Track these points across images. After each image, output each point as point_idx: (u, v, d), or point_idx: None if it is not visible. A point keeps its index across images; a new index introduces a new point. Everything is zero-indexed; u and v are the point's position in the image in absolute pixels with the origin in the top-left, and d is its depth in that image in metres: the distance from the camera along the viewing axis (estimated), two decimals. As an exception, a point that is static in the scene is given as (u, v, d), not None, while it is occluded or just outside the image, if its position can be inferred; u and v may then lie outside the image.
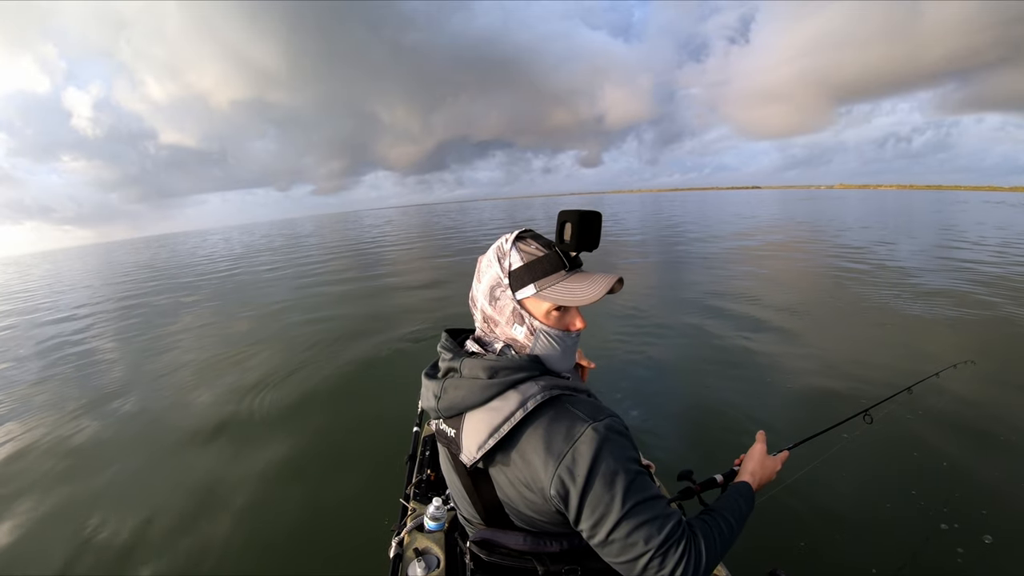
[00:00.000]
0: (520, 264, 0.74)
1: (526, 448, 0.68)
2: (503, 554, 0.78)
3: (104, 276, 18.10)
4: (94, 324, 7.92)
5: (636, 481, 0.65)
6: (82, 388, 4.58)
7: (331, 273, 11.32)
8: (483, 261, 0.79)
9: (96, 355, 5.84)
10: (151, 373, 4.83)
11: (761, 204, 40.05)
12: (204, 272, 14.70)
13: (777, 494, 1.26)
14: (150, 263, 21.23)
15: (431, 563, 1.18)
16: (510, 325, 0.75)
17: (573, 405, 0.70)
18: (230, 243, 32.60)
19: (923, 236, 13.39)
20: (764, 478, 0.92)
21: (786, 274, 8.10)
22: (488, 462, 0.72)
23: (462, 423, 0.74)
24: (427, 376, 0.81)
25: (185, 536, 2.25)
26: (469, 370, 0.74)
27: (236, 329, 6.49)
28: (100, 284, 15.05)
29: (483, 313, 0.78)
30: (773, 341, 4.53)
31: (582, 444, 0.64)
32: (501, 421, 0.69)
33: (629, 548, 0.64)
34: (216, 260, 18.84)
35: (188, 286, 11.66)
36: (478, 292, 0.79)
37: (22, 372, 5.45)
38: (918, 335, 4.59)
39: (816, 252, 10.61)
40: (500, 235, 0.80)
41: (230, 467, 2.83)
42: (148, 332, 6.77)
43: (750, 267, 8.86)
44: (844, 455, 2.29)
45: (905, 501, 2.22)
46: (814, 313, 5.49)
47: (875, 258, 9.30)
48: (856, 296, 6.19)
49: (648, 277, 8.41)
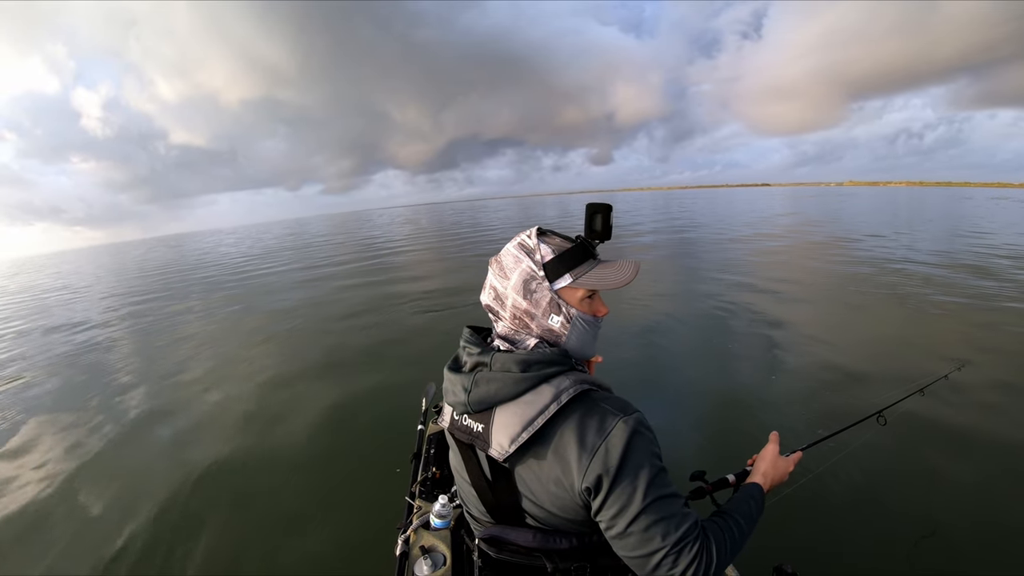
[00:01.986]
0: (552, 256, 0.76)
1: (559, 442, 0.68)
2: (512, 551, 0.78)
3: (157, 269, 18.28)
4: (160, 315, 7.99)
5: (659, 476, 0.67)
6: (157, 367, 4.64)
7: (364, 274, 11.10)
8: (505, 259, 0.79)
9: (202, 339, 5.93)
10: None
11: (772, 202, 39.73)
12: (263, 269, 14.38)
13: (789, 495, 1.25)
14: (203, 260, 20.54)
15: (437, 561, 1.17)
16: (547, 316, 0.76)
17: (603, 400, 0.71)
18: (264, 241, 31.52)
19: (940, 232, 13.20)
20: (776, 479, 0.92)
21: (801, 271, 8.03)
22: (514, 458, 0.72)
23: (492, 417, 0.74)
24: (451, 370, 0.80)
25: (189, 527, 2.27)
26: (501, 364, 0.74)
27: (247, 326, 6.56)
28: (158, 277, 15.30)
29: (515, 309, 0.77)
30: (790, 338, 4.50)
31: (614, 437, 0.66)
32: (535, 414, 0.69)
33: (646, 542, 0.65)
34: (271, 256, 18.43)
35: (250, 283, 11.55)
36: (507, 289, 0.78)
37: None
38: (936, 332, 4.53)
39: (831, 249, 10.50)
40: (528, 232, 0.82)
41: (233, 462, 2.85)
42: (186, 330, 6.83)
43: (763, 260, 8.80)
44: (857, 457, 2.25)
45: (917, 504, 2.18)
46: (831, 309, 5.45)
47: (887, 255, 9.18)
48: (874, 293, 6.12)
49: (663, 272, 8.41)
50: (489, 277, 0.80)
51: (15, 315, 10.39)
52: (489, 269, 0.81)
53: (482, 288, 0.82)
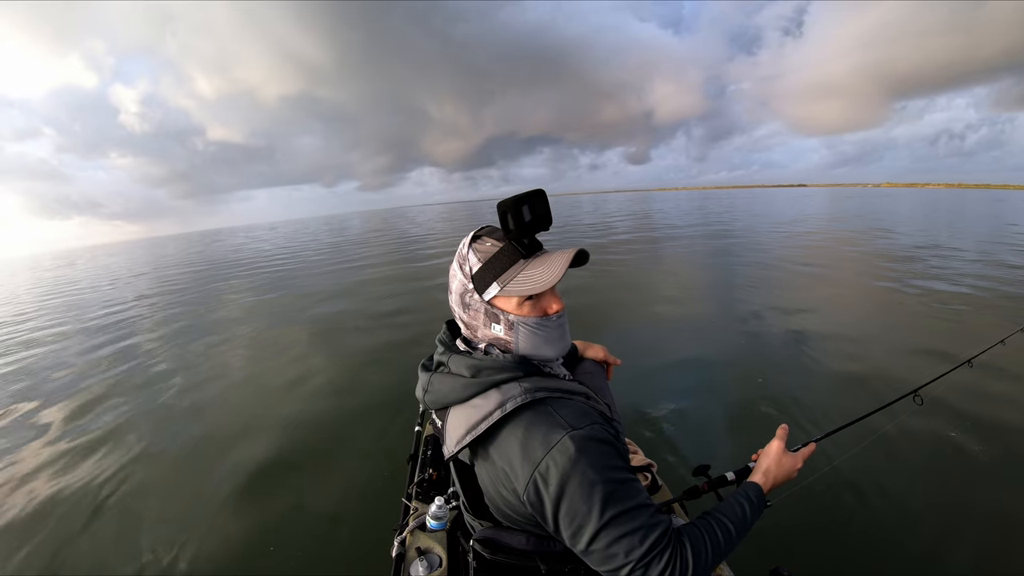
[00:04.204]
0: (479, 265, 0.74)
1: (503, 449, 0.69)
2: (506, 553, 0.78)
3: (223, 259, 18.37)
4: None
5: (617, 492, 0.64)
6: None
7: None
8: (450, 270, 0.80)
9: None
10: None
11: (812, 202, 38.31)
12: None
13: (802, 488, 1.18)
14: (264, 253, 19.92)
15: (433, 562, 1.17)
16: (488, 326, 0.76)
17: (557, 410, 0.69)
18: (318, 236, 30.03)
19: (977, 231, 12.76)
20: (780, 477, 0.88)
21: (836, 267, 7.77)
22: (472, 457, 0.74)
23: (447, 416, 0.78)
24: (422, 368, 0.84)
25: (183, 531, 2.25)
26: (455, 367, 0.76)
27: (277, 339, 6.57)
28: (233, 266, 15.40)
29: (460, 320, 0.80)
30: (820, 326, 4.41)
31: (557, 452, 0.64)
32: (479, 419, 0.70)
33: (610, 559, 0.64)
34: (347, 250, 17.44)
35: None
36: (451, 302, 0.80)
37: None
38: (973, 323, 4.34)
39: (866, 245, 10.26)
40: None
41: (228, 462, 2.85)
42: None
43: (796, 252, 8.54)
44: (883, 445, 2.13)
45: (953, 500, 2.04)
46: (862, 300, 5.31)
47: (925, 252, 8.88)
48: (910, 286, 5.93)
49: (691, 261, 8.29)
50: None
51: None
52: None
53: None
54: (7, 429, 3.68)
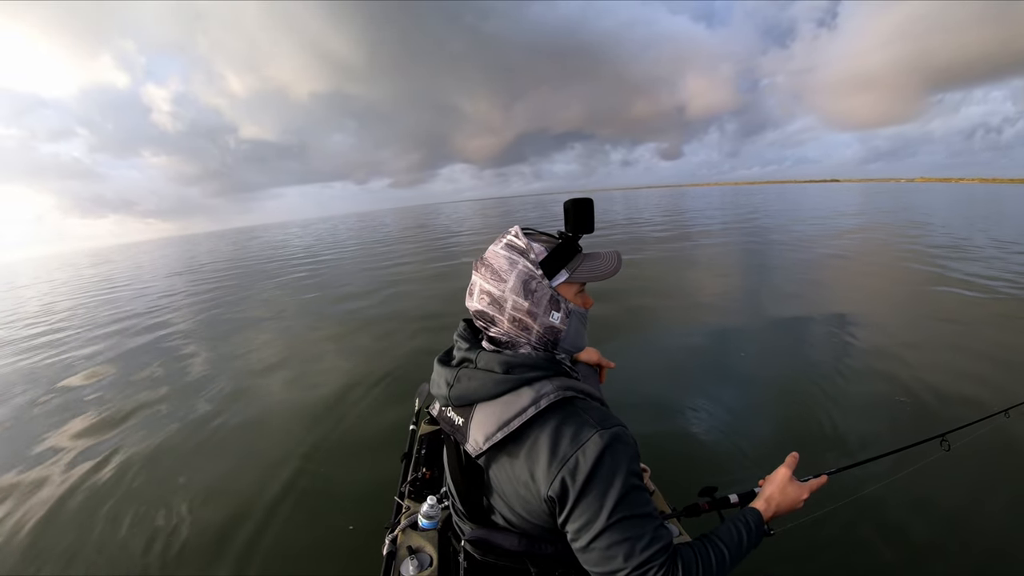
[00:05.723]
0: (547, 253, 0.77)
1: (533, 446, 0.69)
2: (497, 554, 0.79)
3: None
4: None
5: (630, 495, 0.66)
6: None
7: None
8: (496, 262, 0.78)
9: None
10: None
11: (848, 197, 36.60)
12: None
13: (812, 522, 1.12)
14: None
15: (424, 561, 1.16)
16: (547, 313, 0.77)
17: (584, 410, 0.71)
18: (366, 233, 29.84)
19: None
20: (783, 506, 0.86)
21: (878, 275, 7.38)
22: (489, 456, 0.74)
23: (472, 413, 0.75)
24: (440, 362, 0.83)
25: (181, 527, 2.27)
26: (485, 363, 0.75)
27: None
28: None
29: (515, 311, 0.76)
30: (858, 343, 4.17)
31: (588, 449, 0.66)
32: (512, 416, 0.70)
33: (607, 560, 0.65)
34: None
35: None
36: (506, 291, 0.76)
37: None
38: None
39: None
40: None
41: (228, 460, 2.88)
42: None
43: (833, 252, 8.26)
44: (906, 487, 2.00)
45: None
46: (903, 317, 5.03)
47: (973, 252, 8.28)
48: (956, 302, 5.49)
49: (727, 265, 8.14)
50: (478, 282, 0.79)
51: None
52: (475, 274, 0.80)
53: (467, 294, 0.81)
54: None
